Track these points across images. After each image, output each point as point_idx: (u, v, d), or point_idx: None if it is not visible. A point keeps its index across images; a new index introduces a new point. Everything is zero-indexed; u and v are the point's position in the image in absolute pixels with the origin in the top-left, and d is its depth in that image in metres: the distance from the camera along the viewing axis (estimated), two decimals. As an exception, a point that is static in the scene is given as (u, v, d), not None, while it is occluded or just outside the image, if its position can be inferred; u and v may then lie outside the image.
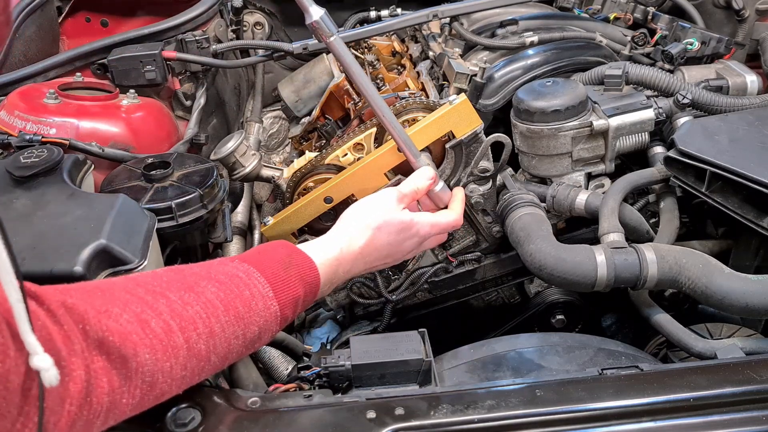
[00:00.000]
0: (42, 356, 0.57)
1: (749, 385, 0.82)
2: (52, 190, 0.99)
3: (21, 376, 0.57)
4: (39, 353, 0.57)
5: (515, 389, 0.83)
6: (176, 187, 1.11)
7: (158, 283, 0.75)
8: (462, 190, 1.22)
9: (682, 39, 1.50)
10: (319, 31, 1.05)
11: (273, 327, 0.84)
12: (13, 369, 0.57)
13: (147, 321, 0.70)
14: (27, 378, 0.58)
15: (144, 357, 0.68)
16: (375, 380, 0.89)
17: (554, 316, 1.46)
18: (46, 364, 0.57)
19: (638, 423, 0.79)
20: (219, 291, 0.78)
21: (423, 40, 1.68)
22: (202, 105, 1.56)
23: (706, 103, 1.33)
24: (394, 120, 1.12)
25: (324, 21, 1.05)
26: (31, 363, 0.57)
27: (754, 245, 1.25)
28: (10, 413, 0.57)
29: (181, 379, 0.74)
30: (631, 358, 1.04)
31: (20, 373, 0.57)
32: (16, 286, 0.56)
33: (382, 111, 1.11)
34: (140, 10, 1.76)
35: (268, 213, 1.79)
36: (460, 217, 1.14)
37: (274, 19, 1.98)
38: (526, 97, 1.28)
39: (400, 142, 1.12)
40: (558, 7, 1.73)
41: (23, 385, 0.58)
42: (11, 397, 0.57)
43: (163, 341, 0.70)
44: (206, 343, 0.75)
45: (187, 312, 0.74)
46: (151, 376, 0.69)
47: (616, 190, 1.22)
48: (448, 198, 1.17)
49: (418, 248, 1.10)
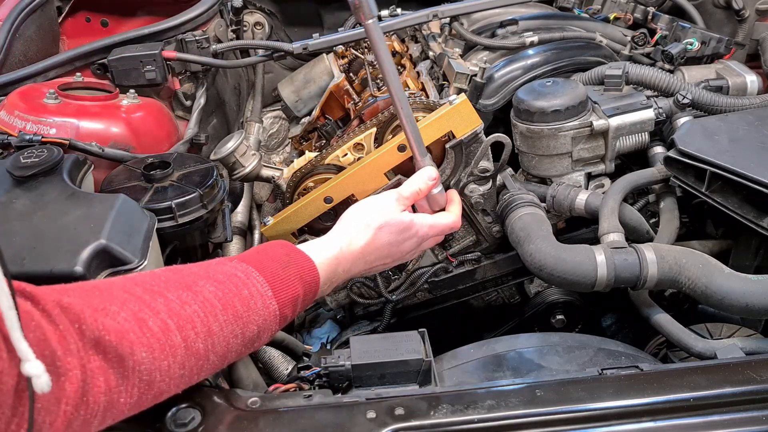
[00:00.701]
0: (33, 363, 0.57)
1: (749, 385, 0.82)
2: (52, 190, 0.99)
3: (14, 378, 0.57)
4: (31, 359, 0.57)
5: (515, 389, 0.83)
6: (176, 187, 1.11)
7: (156, 283, 0.75)
8: (456, 193, 1.21)
9: (682, 39, 1.50)
10: (360, 10, 1.01)
11: (272, 326, 0.84)
12: (6, 370, 0.57)
13: (144, 320, 0.70)
14: (21, 379, 0.58)
15: (141, 356, 0.68)
16: (375, 380, 0.89)
17: (554, 316, 1.46)
18: (38, 371, 0.57)
19: (638, 423, 0.79)
20: (217, 290, 0.78)
21: (423, 40, 1.68)
22: (202, 105, 1.56)
23: (706, 103, 1.33)
24: (410, 115, 1.09)
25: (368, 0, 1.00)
26: (23, 370, 0.57)
27: (754, 245, 1.25)
28: (4, 414, 0.57)
29: (180, 378, 0.74)
30: (631, 358, 1.04)
31: (13, 374, 0.57)
32: (7, 293, 0.56)
33: (402, 104, 1.07)
34: (140, 10, 1.76)
35: (268, 213, 1.79)
36: (459, 219, 1.15)
37: (274, 19, 1.98)
38: (526, 97, 1.28)
39: (411, 138, 1.10)
40: (558, 7, 1.73)
41: (17, 386, 0.58)
42: (5, 398, 0.57)
43: (160, 340, 0.70)
44: (204, 342, 0.75)
45: (185, 311, 0.73)
46: (148, 375, 0.69)
47: (616, 190, 1.22)
48: (443, 201, 1.16)
49: (416, 249, 1.10)
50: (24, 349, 0.56)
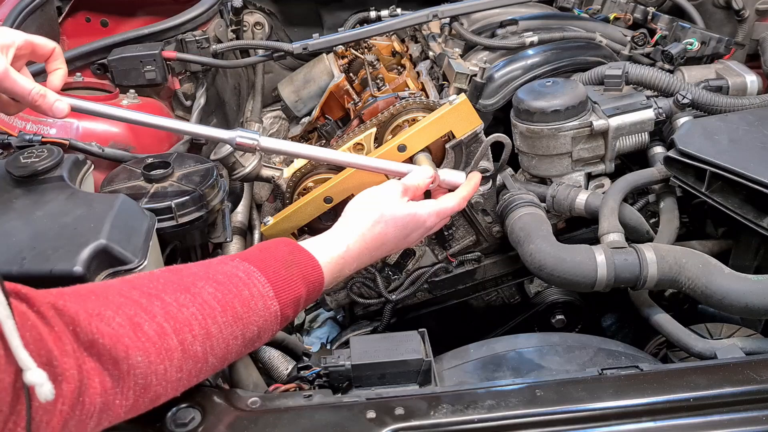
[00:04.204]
0: (35, 371, 0.57)
1: (749, 385, 0.82)
2: (52, 190, 0.99)
3: (11, 375, 0.57)
4: (32, 368, 0.57)
5: (515, 389, 0.83)
6: (176, 187, 1.11)
7: (154, 285, 0.75)
8: (479, 176, 1.19)
9: (682, 39, 1.50)
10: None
11: (273, 327, 0.83)
12: (3, 367, 0.57)
13: (140, 324, 0.69)
14: (18, 377, 0.58)
15: (136, 359, 0.68)
16: (375, 380, 0.89)
17: (554, 316, 1.46)
18: (41, 380, 0.57)
19: (638, 423, 0.79)
20: (217, 291, 0.77)
21: (423, 40, 1.68)
22: (202, 105, 1.56)
23: (706, 103, 1.33)
24: (366, 159, 1.15)
25: None
26: (25, 379, 0.57)
27: (754, 245, 1.25)
28: (2, 411, 0.57)
29: (177, 382, 0.73)
30: (631, 358, 1.04)
31: (10, 372, 0.57)
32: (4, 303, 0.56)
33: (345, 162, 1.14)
34: (140, 10, 1.76)
35: (268, 213, 1.79)
36: (464, 201, 1.13)
37: (274, 19, 1.98)
38: (526, 97, 1.28)
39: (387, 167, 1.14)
40: (558, 7, 1.73)
41: (14, 383, 0.58)
42: (2, 395, 0.57)
43: (156, 344, 0.70)
44: (202, 344, 0.74)
45: (182, 314, 0.73)
46: (144, 379, 0.69)
47: (616, 190, 1.22)
48: (459, 180, 1.16)
49: (421, 238, 1.10)
50: (25, 359, 0.56)
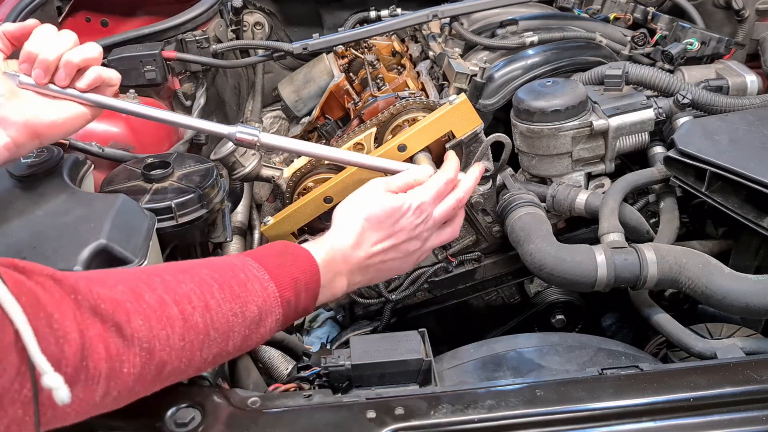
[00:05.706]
0: (52, 375, 0.58)
1: (749, 385, 0.82)
2: (52, 190, 0.99)
3: (11, 335, 0.58)
4: (48, 372, 0.58)
5: (515, 389, 0.83)
6: (176, 187, 1.11)
7: (153, 269, 0.79)
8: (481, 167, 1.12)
9: (682, 39, 1.50)
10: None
11: (275, 308, 0.84)
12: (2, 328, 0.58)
13: (140, 293, 0.71)
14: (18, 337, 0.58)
15: (137, 323, 0.69)
16: (375, 380, 0.89)
17: (554, 316, 1.46)
18: (57, 383, 0.58)
19: (638, 423, 0.79)
20: (213, 272, 0.80)
21: (423, 40, 1.68)
22: (202, 105, 1.56)
23: (706, 103, 1.33)
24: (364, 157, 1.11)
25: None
26: (42, 383, 0.58)
27: (754, 245, 1.25)
28: (7, 371, 0.58)
29: (181, 351, 0.73)
30: (631, 358, 1.04)
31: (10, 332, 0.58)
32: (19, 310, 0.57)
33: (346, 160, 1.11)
34: (140, 10, 1.76)
35: (268, 213, 1.79)
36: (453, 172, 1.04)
37: (274, 19, 1.98)
38: (526, 97, 1.28)
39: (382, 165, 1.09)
40: (558, 7, 1.72)
41: (15, 343, 0.58)
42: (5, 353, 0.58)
43: (156, 311, 0.71)
44: (203, 316, 0.76)
45: (182, 288, 0.75)
46: (148, 342, 0.69)
47: (616, 190, 1.22)
48: None
49: (425, 224, 1.00)
50: (42, 363, 0.58)
